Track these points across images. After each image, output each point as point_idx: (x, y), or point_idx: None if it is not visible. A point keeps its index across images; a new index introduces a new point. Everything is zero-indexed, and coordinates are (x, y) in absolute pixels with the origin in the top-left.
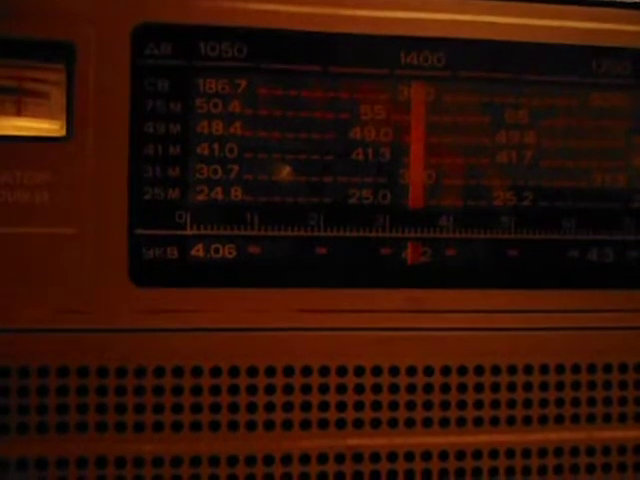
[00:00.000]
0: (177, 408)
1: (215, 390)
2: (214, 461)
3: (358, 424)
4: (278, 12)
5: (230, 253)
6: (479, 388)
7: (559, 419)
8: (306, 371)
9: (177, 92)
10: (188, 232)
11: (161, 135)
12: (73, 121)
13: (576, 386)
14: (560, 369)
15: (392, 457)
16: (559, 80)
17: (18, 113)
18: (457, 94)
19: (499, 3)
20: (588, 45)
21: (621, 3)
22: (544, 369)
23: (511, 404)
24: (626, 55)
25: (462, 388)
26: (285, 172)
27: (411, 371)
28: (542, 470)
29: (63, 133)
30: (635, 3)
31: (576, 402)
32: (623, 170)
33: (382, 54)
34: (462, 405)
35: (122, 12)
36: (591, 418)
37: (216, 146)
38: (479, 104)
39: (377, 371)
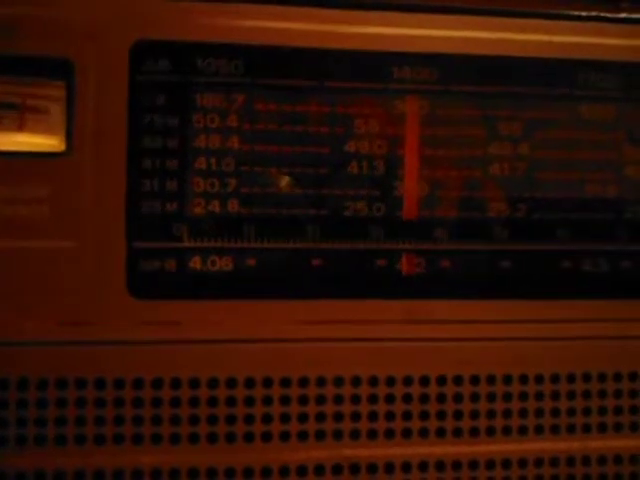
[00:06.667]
0: (175, 420)
1: (213, 402)
2: (211, 473)
3: (355, 435)
4: (274, 29)
5: (227, 265)
6: (475, 398)
7: (555, 429)
8: (303, 382)
9: (175, 107)
10: (186, 244)
11: (159, 149)
12: (72, 136)
13: (571, 396)
14: (555, 379)
15: (389, 467)
16: (549, 93)
17: (19, 129)
18: (450, 107)
19: (489, 19)
20: (576, 58)
21: (606, 18)
22: (539, 379)
23: (507, 414)
24: (613, 68)
25: (458, 398)
26: (284, 182)
27: (407, 381)
28: None
29: (63, 148)
30: (619, 18)
31: (571, 412)
32: (615, 181)
33: (376, 69)
34: (458, 415)
35: (121, 29)
36: (587, 428)
37: (213, 160)
38: (472, 117)
39: (373, 381)
